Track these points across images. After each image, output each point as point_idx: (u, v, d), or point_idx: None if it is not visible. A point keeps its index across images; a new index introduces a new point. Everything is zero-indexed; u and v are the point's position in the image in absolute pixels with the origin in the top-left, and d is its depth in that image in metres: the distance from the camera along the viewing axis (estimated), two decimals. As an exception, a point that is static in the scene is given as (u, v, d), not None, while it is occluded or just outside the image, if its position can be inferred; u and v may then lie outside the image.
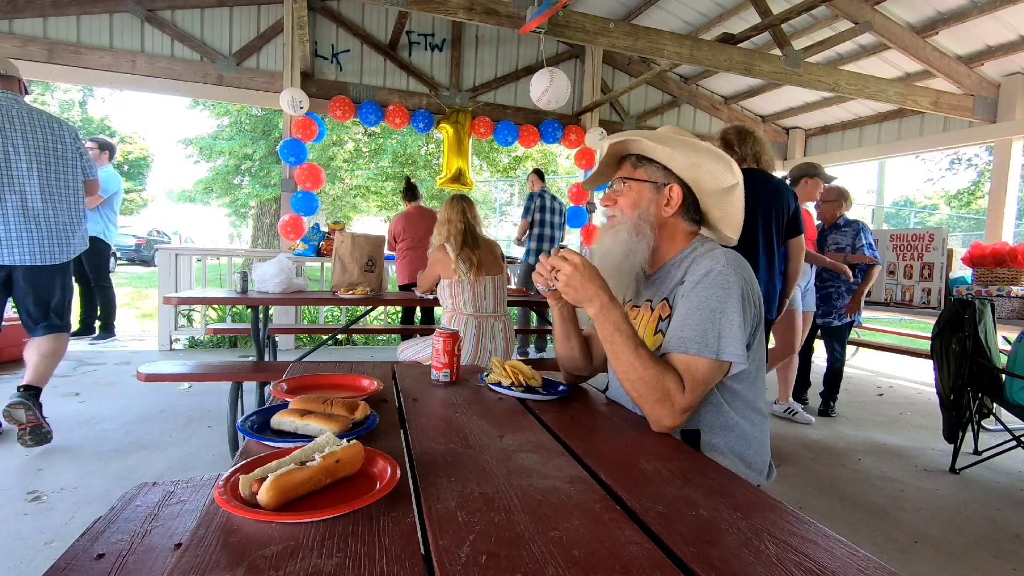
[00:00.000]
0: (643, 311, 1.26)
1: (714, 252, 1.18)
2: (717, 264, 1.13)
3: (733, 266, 1.13)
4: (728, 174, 1.21)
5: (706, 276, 1.12)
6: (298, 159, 5.47)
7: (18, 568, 1.77)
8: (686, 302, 1.13)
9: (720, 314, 1.09)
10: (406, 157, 15.27)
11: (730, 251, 1.18)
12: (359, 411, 0.97)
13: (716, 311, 1.09)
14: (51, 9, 5.08)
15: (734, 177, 1.21)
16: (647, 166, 1.25)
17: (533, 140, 6.53)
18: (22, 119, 2.63)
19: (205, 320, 5.65)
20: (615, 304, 1.11)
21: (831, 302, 3.84)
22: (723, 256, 1.15)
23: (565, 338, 1.36)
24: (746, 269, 1.16)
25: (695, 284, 1.13)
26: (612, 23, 4.36)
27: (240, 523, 0.64)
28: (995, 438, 3.30)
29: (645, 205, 1.23)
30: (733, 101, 7.50)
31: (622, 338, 1.08)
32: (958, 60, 5.41)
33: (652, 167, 1.25)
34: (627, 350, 1.07)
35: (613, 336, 1.09)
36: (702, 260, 1.17)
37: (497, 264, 2.88)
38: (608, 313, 1.10)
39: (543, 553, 0.60)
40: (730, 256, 1.16)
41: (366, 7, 5.99)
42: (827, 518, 2.39)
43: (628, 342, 1.08)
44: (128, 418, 3.20)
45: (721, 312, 1.09)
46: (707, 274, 1.13)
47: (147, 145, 23.01)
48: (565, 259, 1.12)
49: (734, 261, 1.15)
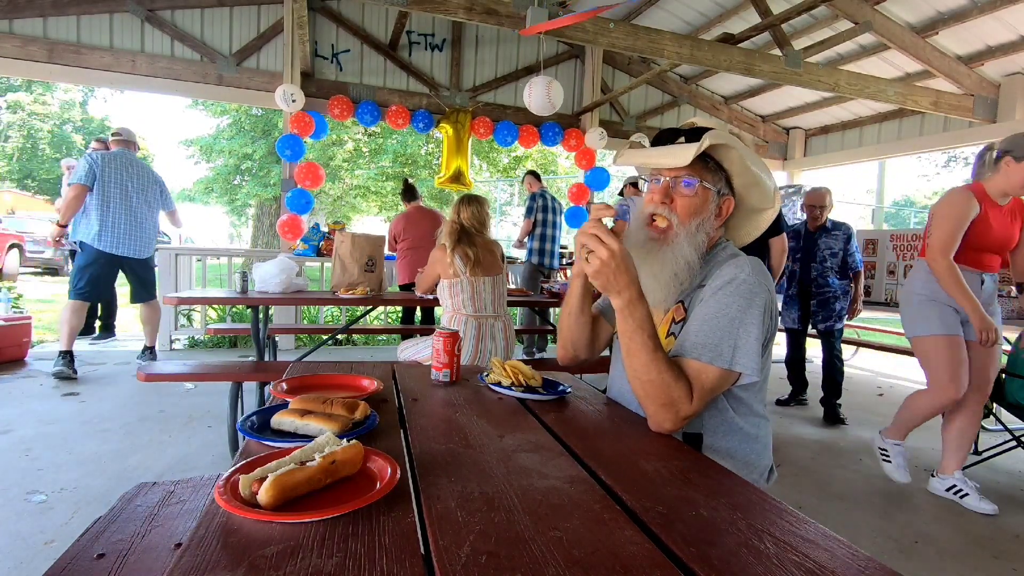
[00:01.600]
0: (656, 312, 1.21)
1: (738, 260, 1.13)
2: (742, 272, 1.09)
3: (758, 276, 1.10)
4: (772, 198, 1.19)
5: (729, 283, 1.09)
6: (295, 154, 5.46)
7: (18, 568, 1.77)
8: (705, 307, 1.10)
9: (739, 324, 1.06)
10: (406, 157, 15.27)
11: (754, 259, 1.14)
12: (359, 411, 0.97)
13: (736, 320, 1.06)
14: (51, 9, 5.08)
15: (773, 203, 1.20)
16: (713, 171, 1.17)
17: (533, 140, 6.54)
18: (135, 168, 4.25)
19: (205, 320, 5.65)
20: (643, 300, 1.05)
21: (830, 306, 3.84)
22: (748, 265, 1.11)
23: (579, 312, 1.29)
24: (769, 280, 1.12)
25: (716, 290, 1.10)
26: (612, 23, 4.36)
27: (240, 523, 0.64)
28: (995, 438, 3.30)
29: (706, 215, 1.15)
30: (733, 101, 7.50)
31: (643, 336, 1.03)
32: (958, 60, 5.41)
33: (716, 173, 1.17)
34: (646, 351, 1.03)
35: (635, 333, 1.04)
36: (725, 266, 1.13)
37: (496, 264, 2.88)
38: (634, 309, 1.04)
39: (543, 553, 0.60)
40: (755, 264, 1.12)
41: (366, 7, 5.99)
42: (827, 518, 2.39)
43: (649, 342, 1.03)
44: (128, 418, 3.20)
45: (740, 323, 1.06)
46: (731, 281, 1.09)
47: (147, 145, 23.01)
48: (601, 242, 1.01)
49: (759, 270, 1.11)
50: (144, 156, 22.47)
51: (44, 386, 3.78)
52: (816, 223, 3.89)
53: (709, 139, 1.09)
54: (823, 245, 3.84)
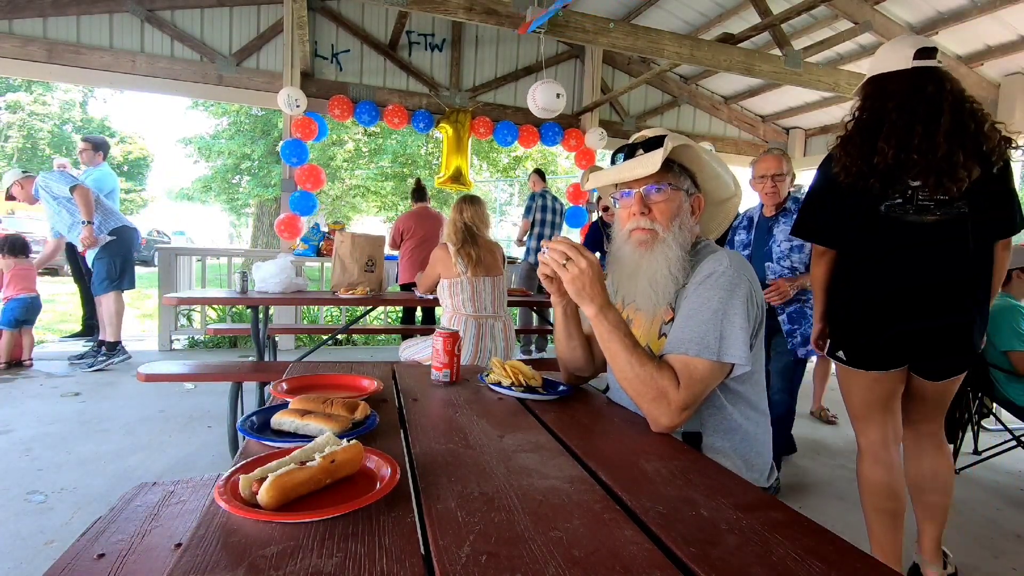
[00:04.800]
0: (654, 316, 1.24)
1: (717, 254, 1.17)
2: (720, 265, 1.13)
3: (737, 267, 1.13)
4: (733, 185, 1.27)
5: (709, 277, 1.12)
6: (300, 159, 5.47)
7: (18, 568, 1.77)
8: (688, 303, 1.13)
9: (722, 316, 1.08)
10: (406, 157, 15.28)
11: (733, 252, 1.18)
12: (359, 411, 0.97)
13: (718, 312, 1.09)
14: (51, 9, 5.07)
15: (735, 191, 1.28)
16: (679, 173, 1.23)
17: (533, 140, 6.53)
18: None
19: (205, 320, 5.65)
20: (612, 306, 1.12)
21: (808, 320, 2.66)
22: (726, 257, 1.14)
23: (567, 337, 1.34)
24: (749, 270, 1.15)
25: (698, 285, 1.13)
26: (612, 23, 4.36)
27: (240, 523, 0.64)
28: (995, 438, 3.30)
29: (682, 215, 1.21)
30: (733, 101, 7.50)
31: (619, 337, 1.09)
32: (958, 60, 5.41)
33: (680, 174, 1.23)
34: (623, 349, 1.08)
35: (611, 336, 1.09)
36: (705, 262, 1.16)
37: (497, 265, 2.88)
38: (607, 313, 1.10)
39: (543, 553, 0.60)
40: (733, 257, 1.15)
41: (366, 7, 5.99)
42: (827, 518, 2.39)
43: (626, 340, 1.08)
44: (128, 418, 3.20)
45: (723, 314, 1.08)
46: (711, 275, 1.12)
47: (146, 145, 23.03)
48: (581, 254, 1.09)
49: (737, 262, 1.14)
50: (143, 156, 22.61)
51: (44, 386, 3.78)
52: (775, 202, 2.65)
53: (671, 142, 1.15)
54: (782, 235, 2.61)
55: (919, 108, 1.66)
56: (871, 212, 1.72)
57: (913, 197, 1.67)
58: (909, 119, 1.65)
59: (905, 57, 1.71)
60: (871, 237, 1.72)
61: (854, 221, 1.75)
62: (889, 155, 1.64)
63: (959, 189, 1.62)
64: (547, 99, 4.71)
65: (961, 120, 1.64)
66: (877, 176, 1.68)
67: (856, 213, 1.74)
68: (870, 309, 1.73)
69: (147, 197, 23.43)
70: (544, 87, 4.73)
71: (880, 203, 1.70)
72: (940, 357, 1.74)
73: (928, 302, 1.68)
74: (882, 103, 1.72)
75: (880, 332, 1.72)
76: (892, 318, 1.70)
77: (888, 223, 1.70)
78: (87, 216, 4.09)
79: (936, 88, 1.68)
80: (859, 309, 1.76)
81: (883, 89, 1.74)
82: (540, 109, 4.78)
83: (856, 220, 1.74)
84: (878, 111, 1.72)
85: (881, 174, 1.67)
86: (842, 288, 1.83)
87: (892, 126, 1.66)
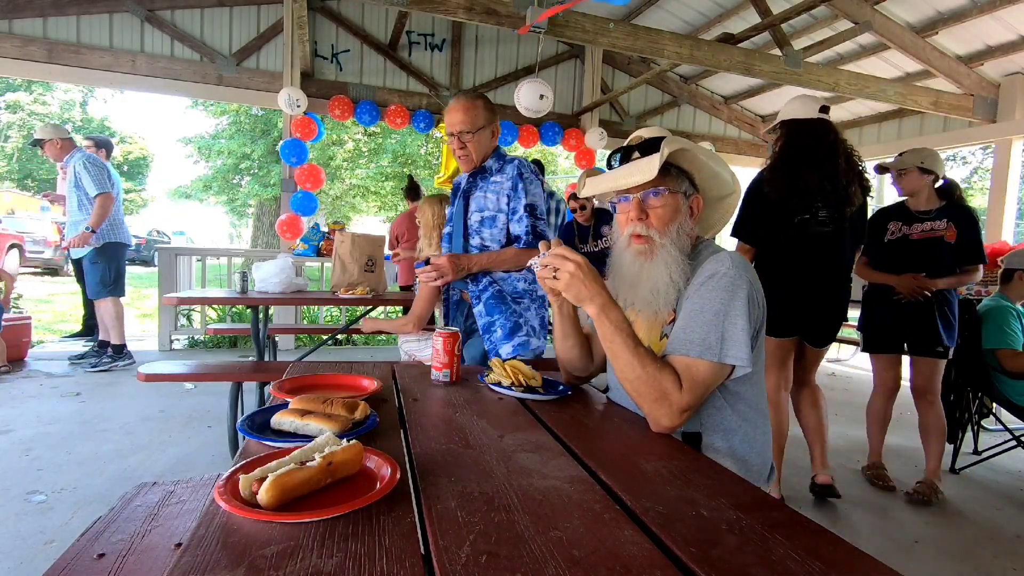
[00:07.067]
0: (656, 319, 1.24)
1: (718, 255, 1.16)
2: (722, 267, 1.12)
3: (738, 268, 1.12)
4: (732, 181, 1.25)
5: (711, 278, 1.12)
6: (299, 159, 5.47)
7: (18, 568, 1.77)
8: (690, 304, 1.13)
9: (724, 317, 1.08)
10: (406, 157, 15.27)
11: (734, 253, 1.17)
12: (359, 411, 0.97)
13: (720, 313, 1.08)
14: (51, 9, 5.08)
15: (735, 185, 1.25)
16: (676, 176, 1.21)
17: (532, 140, 6.53)
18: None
19: (205, 320, 5.65)
20: (615, 304, 1.11)
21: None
22: (728, 258, 1.14)
23: (564, 337, 1.34)
24: (751, 271, 1.15)
25: (699, 286, 1.13)
26: (612, 23, 4.36)
27: (240, 523, 0.64)
28: (995, 438, 3.30)
29: (681, 218, 1.19)
30: (733, 101, 7.50)
31: (622, 337, 1.08)
32: (958, 60, 5.41)
33: (678, 177, 1.21)
34: (626, 349, 1.07)
35: (613, 336, 1.08)
36: (706, 263, 1.15)
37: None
38: (608, 313, 1.09)
39: (543, 553, 0.60)
40: (735, 258, 1.15)
41: (366, 7, 5.99)
42: (827, 518, 2.39)
43: (628, 340, 1.08)
44: (128, 418, 3.20)
45: (725, 315, 1.08)
46: (712, 276, 1.12)
47: (146, 145, 23.04)
48: (566, 258, 1.08)
49: (739, 263, 1.14)
50: (143, 156, 22.62)
51: (44, 386, 3.78)
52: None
53: (668, 146, 1.12)
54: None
55: (822, 151, 2.30)
56: (787, 223, 2.36)
57: (816, 214, 2.35)
58: (821, 157, 2.29)
59: (812, 110, 2.35)
60: (785, 242, 2.38)
61: (775, 229, 2.39)
62: (811, 182, 2.29)
63: (850, 212, 2.35)
64: (530, 99, 4.70)
65: (850, 161, 2.34)
66: (796, 197, 2.32)
67: (776, 223, 2.37)
68: (778, 292, 2.24)
69: (147, 197, 23.45)
70: (528, 87, 4.72)
71: (794, 216, 2.35)
72: (822, 328, 2.48)
73: (818, 288, 2.40)
74: (798, 140, 2.35)
75: (785, 309, 2.36)
76: (794, 299, 2.38)
77: (797, 232, 2.36)
78: (94, 224, 4.07)
79: (834, 136, 2.34)
80: (770, 292, 2.17)
81: (797, 131, 2.36)
82: (524, 109, 4.79)
83: (777, 229, 2.38)
84: (795, 147, 2.35)
85: (800, 194, 2.31)
86: (760, 276, 2.36)
87: (809, 160, 2.30)
